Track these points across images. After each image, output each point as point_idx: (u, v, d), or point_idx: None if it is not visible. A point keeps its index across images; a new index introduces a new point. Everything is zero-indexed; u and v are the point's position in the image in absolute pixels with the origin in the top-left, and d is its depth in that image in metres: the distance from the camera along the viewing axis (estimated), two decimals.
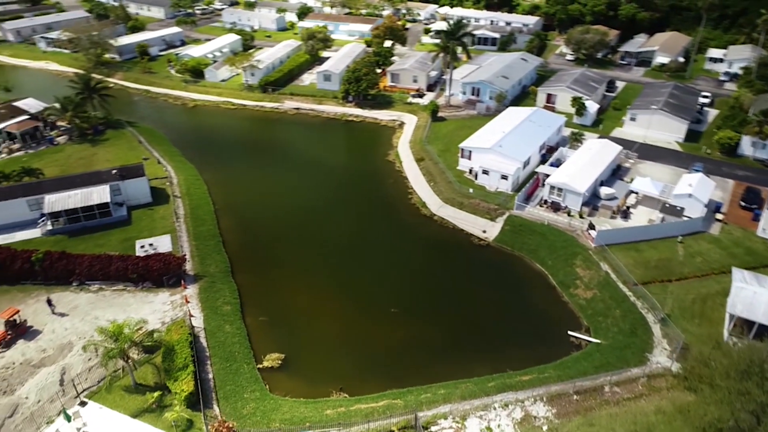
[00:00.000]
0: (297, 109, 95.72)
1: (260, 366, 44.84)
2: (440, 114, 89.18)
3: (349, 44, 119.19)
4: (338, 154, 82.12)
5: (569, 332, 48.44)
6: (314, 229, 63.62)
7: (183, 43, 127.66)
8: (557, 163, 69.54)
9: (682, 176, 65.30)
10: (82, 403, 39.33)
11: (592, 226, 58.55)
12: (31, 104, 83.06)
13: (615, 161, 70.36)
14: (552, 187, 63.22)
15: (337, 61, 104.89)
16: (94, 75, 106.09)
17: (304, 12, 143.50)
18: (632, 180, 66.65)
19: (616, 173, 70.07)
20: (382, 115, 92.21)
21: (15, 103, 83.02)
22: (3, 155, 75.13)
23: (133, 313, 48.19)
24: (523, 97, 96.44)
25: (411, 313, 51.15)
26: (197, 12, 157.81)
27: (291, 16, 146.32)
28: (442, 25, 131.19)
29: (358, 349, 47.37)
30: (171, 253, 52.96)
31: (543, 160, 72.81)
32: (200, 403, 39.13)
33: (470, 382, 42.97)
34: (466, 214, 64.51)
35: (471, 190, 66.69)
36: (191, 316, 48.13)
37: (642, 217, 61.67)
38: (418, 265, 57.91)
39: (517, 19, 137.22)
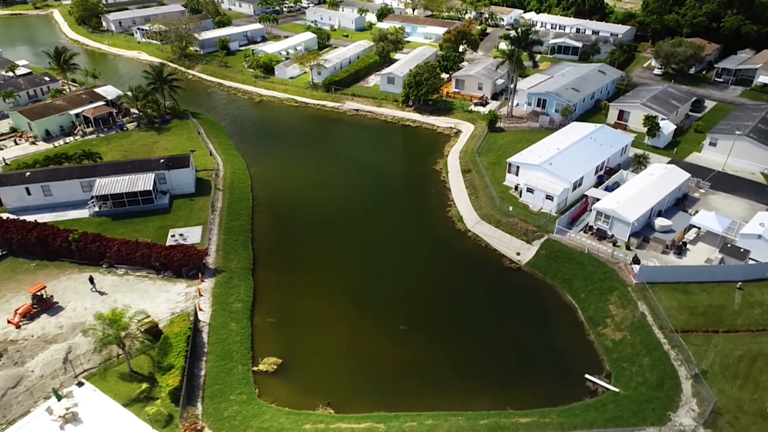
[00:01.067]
0: (356, 110, 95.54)
1: (255, 368, 44.68)
2: (500, 124, 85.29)
3: (420, 47, 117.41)
4: (387, 158, 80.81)
5: (587, 375, 44.03)
6: (344, 233, 62.84)
7: (264, 39, 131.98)
8: (613, 187, 63.93)
9: (757, 213, 57.49)
10: (80, 384, 40.99)
11: (636, 260, 53.01)
12: (109, 91, 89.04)
13: (681, 190, 63.50)
14: (599, 213, 58.05)
15: (404, 63, 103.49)
16: (176, 66, 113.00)
17: (383, 13, 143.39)
18: (696, 213, 59.77)
19: (680, 203, 63.14)
20: (440, 122, 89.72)
21: (96, 89, 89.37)
22: (77, 137, 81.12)
23: (149, 300, 49.98)
24: (594, 111, 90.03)
25: (420, 332, 48.91)
26: (284, 9, 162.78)
27: (372, 17, 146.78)
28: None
29: (357, 365, 45.91)
30: (193, 245, 54.28)
31: (600, 182, 67.29)
32: (182, 400, 39.38)
33: (462, 416, 40.17)
34: (502, 233, 60.89)
35: (511, 208, 62.86)
36: (200, 309, 48.98)
37: (700, 255, 55.07)
38: (440, 283, 55.34)
39: (607, 28, 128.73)
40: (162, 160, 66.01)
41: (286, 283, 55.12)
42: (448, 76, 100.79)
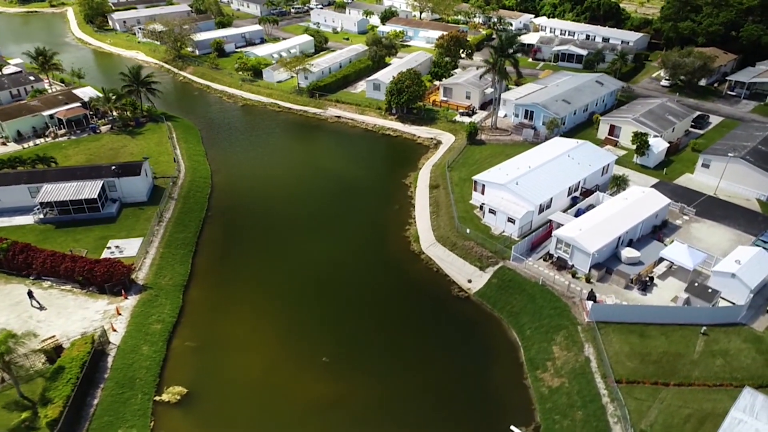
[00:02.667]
0: (338, 117, 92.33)
1: (158, 398, 41.90)
2: (482, 137, 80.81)
3: (415, 52, 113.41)
4: (358, 169, 77.23)
5: (512, 427, 39.65)
6: (294, 248, 59.71)
7: (263, 41, 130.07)
8: (586, 210, 58.99)
9: (737, 248, 51.77)
10: None
11: (592, 296, 48.16)
12: (87, 92, 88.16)
13: (659, 216, 58.07)
14: (559, 241, 53.31)
15: (395, 69, 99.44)
16: (169, 67, 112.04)
17: (387, 16, 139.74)
18: (671, 243, 54.43)
19: (658, 231, 57.71)
20: (421, 132, 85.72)
21: (74, 91, 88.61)
22: (49, 139, 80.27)
23: (65, 317, 47.83)
24: (587, 125, 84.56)
25: (344, 365, 45.35)
26: (292, 11, 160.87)
27: (376, 20, 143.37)
28: (533, 38, 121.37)
29: (270, 399, 42.60)
30: (119, 260, 51.84)
31: (573, 204, 62.34)
32: None
33: None
34: (456, 257, 56.70)
35: (468, 230, 58.56)
36: (113, 330, 46.53)
37: (668, 293, 49.83)
38: (379, 310, 51.54)
39: (618, 35, 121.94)
40: (113, 167, 64.09)
41: (218, 303, 52.28)
42: (437, 83, 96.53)
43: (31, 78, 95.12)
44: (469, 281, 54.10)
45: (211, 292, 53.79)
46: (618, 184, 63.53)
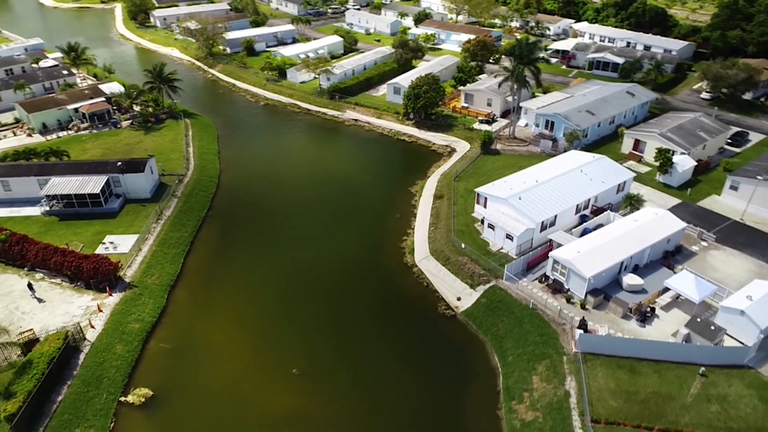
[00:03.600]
0: (355, 120, 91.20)
1: (123, 399, 41.79)
2: (498, 146, 77.87)
3: (442, 56, 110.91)
4: (366, 174, 75.81)
5: None
6: (287, 252, 58.96)
7: (294, 41, 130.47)
8: (594, 230, 55.50)
9: (752, 282, 47.35)
10: None
11: (583, 325, 45.01)
12: (112, 88, 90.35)
13: (671, 242, 53.96)
14: (556, 262, 50.24)
15: (418, 72, 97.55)
16: (200, 64, 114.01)
17: (420, 18, 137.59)
18: (680, 271, 50.43)
19: (669, 258, 53.63)
20: (437, 139, 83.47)
21: (101, 86, 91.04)
22: (72, 132, 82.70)
23: (49, 310, 48.60)
24: (612, 138, 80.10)
25: (313, 379, 44.07)
26: (329, 11, 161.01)
27: (410, 22, 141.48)
28: (568, 44, 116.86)
29: (236, 409, 41.70)
30: (107, 257, 52.25)
31: (582, 222, 58.89)
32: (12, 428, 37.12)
33: None
34: (447, 272, 54.44)
35: (464, 245, 56.14)
36: (91, 326, 46.87)
37: (670, 326, 46.04)
38: (360, 323, 49.95)
39: (661, 43, 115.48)
40: (119, 163, 65.08)
41: (201, 306, 52.03)
42: (460, 89, 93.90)
43: (65, 72, 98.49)
44: (458, 299, 51.78)
45: (196, 293, 53.61)
46: (631, 203, 59.55)
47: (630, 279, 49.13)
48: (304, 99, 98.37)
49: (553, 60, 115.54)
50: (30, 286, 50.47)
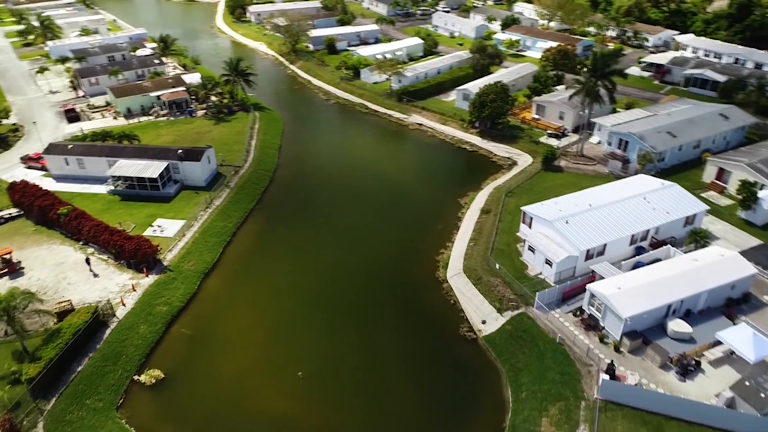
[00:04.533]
0: (419, 125, 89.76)
1: (136, 377, 43.62)
2: (561, 163, 73.27)
3: (522, 63, 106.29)
4: (419, 180, 74.15)
5: None
6: (325, 252, 59.06)
7: (377, 41, 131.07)
8: (647, 265, 50.45)
9: None
10: None
11: (611, 369, 40.87)
12: (194, 79, 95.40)
13: (737, 288, 47.73)
14: (593, 296, 46.11)
15: (493, 79, 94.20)
16: (282, 59, 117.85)
17: (508, 23, 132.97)
18: (740, 323, 44.44)
19: (733, 306, 47.45)
20: (499, 150, 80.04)
21: (184, 76, 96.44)
22: (151, 117, 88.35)
23: (90, 284, 51.89)
24: (695, 164, 72.51)
25: (317, 383, 43.57)
26: (417, 12, 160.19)
27: (497, 26, 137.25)
28: (664, 58, 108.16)
29: (237, 404, 42.11)
30: (147, 239, 54.84)
31: (637, 255, 53.77)
32: (29, 392, 39.76)
33: None
34: (476, 293, 51.75)
35: (498, 266, 53.09)
36: (123, 304, 49.38)
37: (715, 385, 40.64)
38: (377, 334, 48.71)
39: None
40: (179, 151, 68.36)
41: (229, 296, 53.29)
42: (534, 99, 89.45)
43: (156, 61, 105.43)
44: (483, 322, 49.02)
45: (227, 284, 54.98)
46: (696, 240, 53.34)
47: (676, 325, 43.96)
48: (373, 100, 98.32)
49: (646, 74, 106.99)
50: (87, 260, 54.17)
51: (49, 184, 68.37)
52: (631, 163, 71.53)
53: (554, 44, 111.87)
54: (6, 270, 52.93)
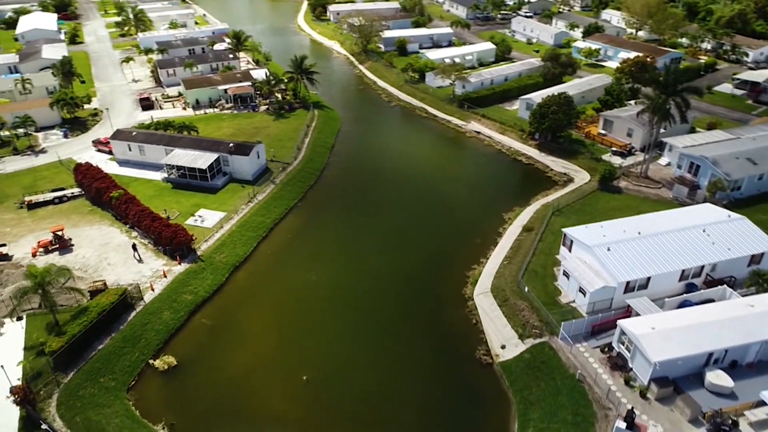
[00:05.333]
0: (477, 132, 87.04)
1: (151, 362, 45.16)
2: (620, 183, 68.20)
3: (597, 74, 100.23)
4: (465, 190, 71.58)
5: None
6: (355, 255, 58.94)
7: (450, 44, 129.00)
8: (695, 304, 45.74)
9: None
10: (19, 318, 47.17)
11: (629, 417, 37.15)
12: (262, 74, 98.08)
13: None
14: (623, 333, 42.26)
15: (563, 89, 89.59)
16: (353, 59, 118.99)
17: (590, 30, 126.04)
18: None
19: None
20: (556, 165, 75.84)
21: (252, 71, 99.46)
22: (216, 110, 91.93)
23: (127, 266, 54.53)
24: None
25: (322, 388, 43.14)
26: (498, 16, 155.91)
27: (580, 34, 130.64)
28: (761, 75, 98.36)
29: (240, 399, 42.60)
30: (183, 228, 56.69)
31: (687, 291, 48.84)
32: (51, 365, 42.13)
33: None
34: (500, 315, 49.07)
35: (527, 289, 50.02)
36: (152, 289, 51.35)
37: None
38: (391, 345, 47.43)
39: None
40: (231, 145, 70.38)
41: (254, 291, 54.09)
42: (599, 113, 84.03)
43: (230, 56, 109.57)
44: (502, 347, 46.35)
45: (255, 278, 55.82)
46: (759, 282, 47.44)
47: (715, 377, 39.30)
48: (434, 104, 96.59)
49: (739, 92, 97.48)
50: (134, 247, 56.58)
51: (112, 168, 72.90)
52: (700, 189, 65.19)
53: (636, 55, 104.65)
54: (57, 246, 56.72)
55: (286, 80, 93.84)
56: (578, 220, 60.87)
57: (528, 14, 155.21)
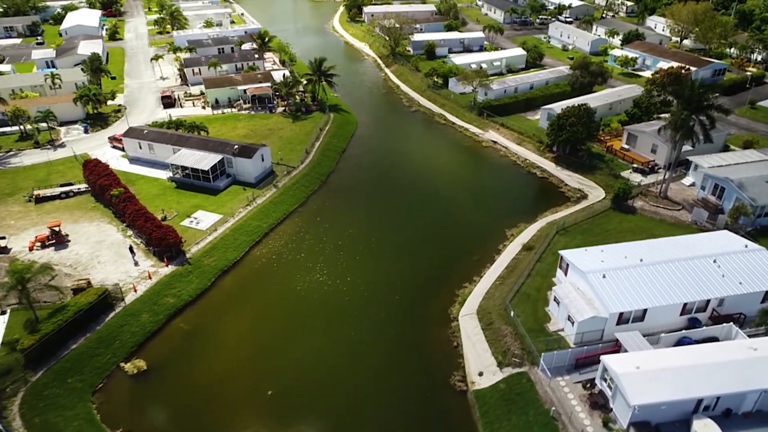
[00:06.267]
0: (494, 142, 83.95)
1: (122, 364, 45.07)
2: (636, 203, 64.04)
3: (629, 84, 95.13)
4: (471, 203, 68.77)
5: None
6: (346, 265, 57.17)
7: (482, 48, 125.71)
8: (695, 342, 42.06)
9: None
10: (3, 312, 48.06)
11: None
12: (281, 75, 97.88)
13: None
14: (605, 370, 39.09)
15: (587, 100, 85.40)
16: (380, 61, 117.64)
17: (629, 38, 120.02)
18: None
19: None
20: (572, 180, 72.08)
21: (273, 72, 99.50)
22: (234, 110, 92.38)
23: (117, 265, 54.91)
24: None
25: (286, 403, 41.88)
26: (537, 21, 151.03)
27: (618, 41, 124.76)
28: None
29: (198, 414, 41.85)
30: (174, 229, 56.57)
31: (690, 327, 45.00)
32: (22, 362, 42.52)
33: None
34: (482, 339, 46.50)
35: (512, 313, 47.21)
36: (134, 290, 51.42)
37: None
38: (364, 364, 45.72)
39: None
40: (236, 147, 70.20)
41: (238, 298, 53.40)
42: (624, 127, 79.42)
43: (256, 56, 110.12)
44: (480, 374, 43.82)
45: (242, 284, 55.17)
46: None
47: (703, 426, 35.69)
48: (454, 111, 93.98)
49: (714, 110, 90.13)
50: (131, 249, 56.27)
51: (123, 165, 74.18)
52: (723, 214, 60.30)
53: (675, 65, 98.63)
54: (54, 241, 57.76)
55: (304, 82, 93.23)
56: (583, 240, 57.45)
57: (568, 19, 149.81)
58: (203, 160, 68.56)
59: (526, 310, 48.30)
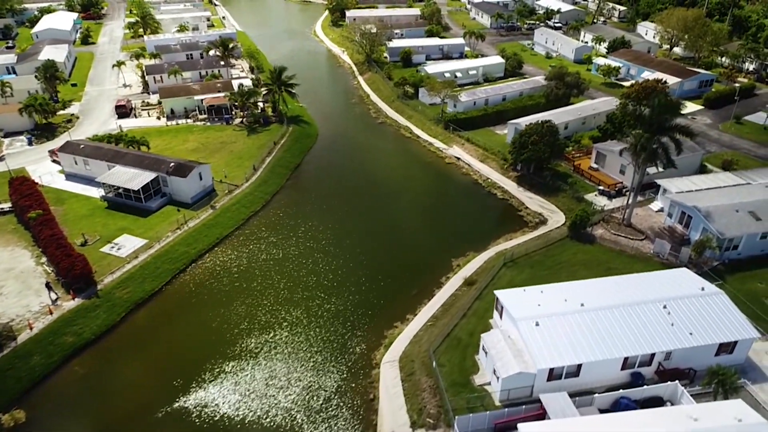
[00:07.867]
0: (457, 158, 78.98)
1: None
2: (595, 231, 58.92)
3: (607, 97, 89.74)
4: (423, 228, 64.09)
5: None
6: (268, 300, 52.46)
7: (462, 56, 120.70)
8: (644, 405, 37.11)
9: None
10: None
11: None
12: (246, 84, 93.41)
13: None
14: None
15: (559, 114, 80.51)
16: (354, 68, 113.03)
17: (615, 45, 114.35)
18: None
19: None
20: (533, 203, 67.00)
21: (234, 81, 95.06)
22: (190, 121, 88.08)
23: (19, 297, 50.50)
24: None
25: None
26: (524, 27, 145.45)
27: (604, 48, 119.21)
28: None
29: None
30: (84, 258, 52.18)
31: (632, 385, 39.91)
32: None
33: None
34: (400, 392, 41.67)
35: (434, 364, 42.31)
36: (30, 328, 47.08)
37: None
38: (269, 424, 41.11)
39: None
40: (171, 164, 65.83)
41: (150, 335, 49.03)
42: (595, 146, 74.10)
43: (222, 63, 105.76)
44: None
45: (156, 320, 50.78)
46: (719, 381, 37.64)
47: None
48: (419, 124, 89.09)
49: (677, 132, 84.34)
50: (48, 285, 50.65)
51: (59, 181, 70.18)
52: (690, 244, 55.02)
53: (666, 77, 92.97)
54: None
55: (263, 92, 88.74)
56: (532, 275, 52.51)
57: (557, 25, 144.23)
58: (135, 178, 64.21)
59: (453, 358, 43.42)
